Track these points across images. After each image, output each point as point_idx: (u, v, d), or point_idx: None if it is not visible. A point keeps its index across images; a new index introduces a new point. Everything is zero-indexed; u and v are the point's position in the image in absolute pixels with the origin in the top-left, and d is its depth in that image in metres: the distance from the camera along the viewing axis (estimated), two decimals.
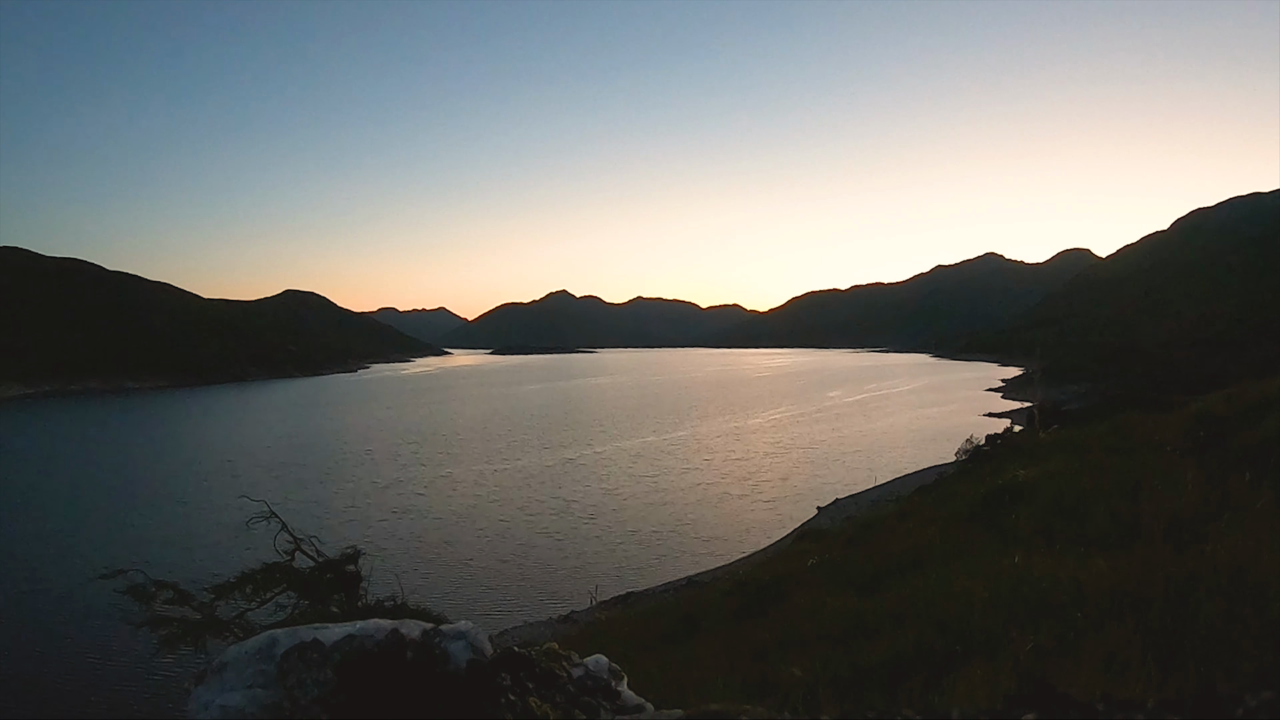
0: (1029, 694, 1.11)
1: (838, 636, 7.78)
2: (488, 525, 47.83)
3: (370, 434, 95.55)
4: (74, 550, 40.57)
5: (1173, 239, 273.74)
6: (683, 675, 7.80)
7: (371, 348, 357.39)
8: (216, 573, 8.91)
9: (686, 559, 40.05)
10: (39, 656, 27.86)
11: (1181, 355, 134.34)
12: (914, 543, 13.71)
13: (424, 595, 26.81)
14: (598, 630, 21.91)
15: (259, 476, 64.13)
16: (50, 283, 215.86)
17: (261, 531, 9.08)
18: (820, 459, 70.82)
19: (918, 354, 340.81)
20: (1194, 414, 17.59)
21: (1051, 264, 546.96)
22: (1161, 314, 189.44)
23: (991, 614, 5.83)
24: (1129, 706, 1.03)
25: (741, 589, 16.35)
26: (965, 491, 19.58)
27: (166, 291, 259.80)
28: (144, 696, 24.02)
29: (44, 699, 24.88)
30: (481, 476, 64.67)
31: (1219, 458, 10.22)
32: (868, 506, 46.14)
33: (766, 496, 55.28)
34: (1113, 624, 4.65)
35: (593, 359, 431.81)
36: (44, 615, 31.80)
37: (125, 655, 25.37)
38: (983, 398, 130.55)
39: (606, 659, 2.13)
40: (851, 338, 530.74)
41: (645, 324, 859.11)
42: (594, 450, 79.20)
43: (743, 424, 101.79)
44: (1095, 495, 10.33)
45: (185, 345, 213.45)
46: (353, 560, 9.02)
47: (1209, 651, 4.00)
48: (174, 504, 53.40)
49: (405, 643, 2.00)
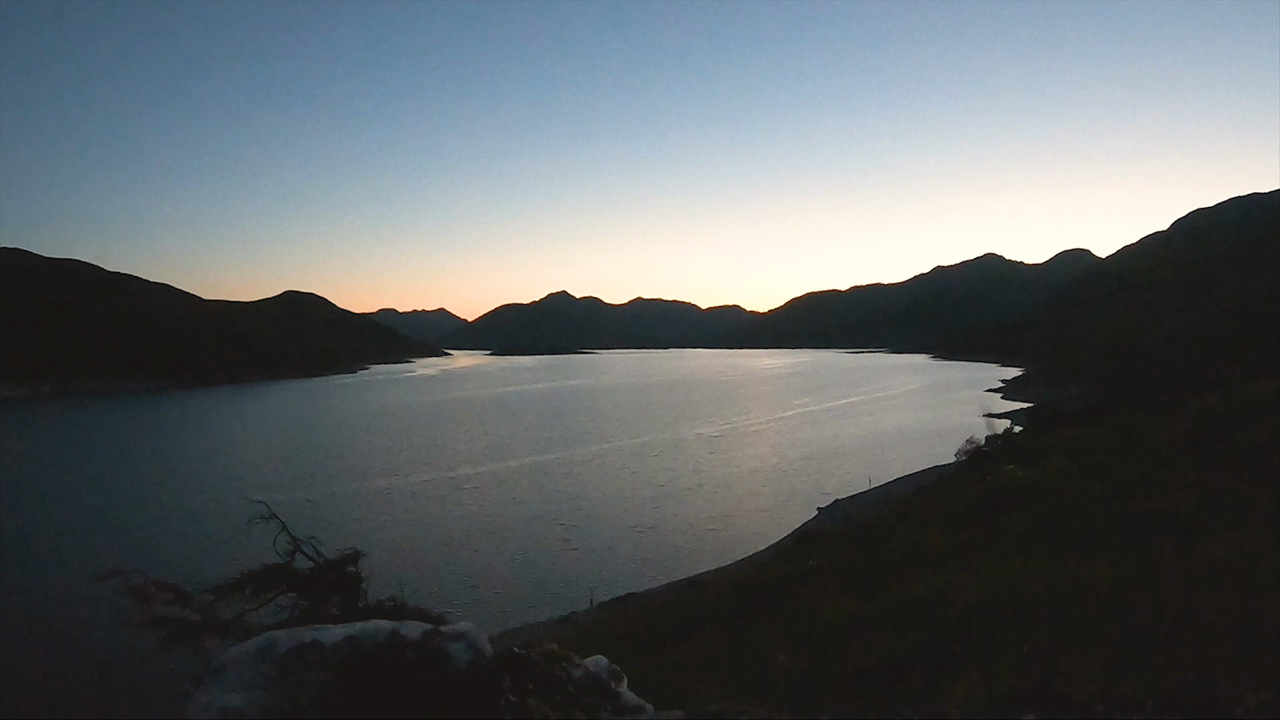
0: (1029, 694, 1.11)
1: (838, 637, 7.78)
2: (488, 525, 47.83)
3: (370, 435, 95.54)
4: (73, 550, 40.56)
5: (1173, 239, 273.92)
6: (683, 676, 7.79)
7: (372, 349, 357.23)
8: (216, 573, 8.89)
9: (686, 559, 40.03)
10: (38, 657, 27.84)
11: (1181, 355, 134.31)
12: (914, 543, 13.70)
13: (424, 596, 26.80)
14: (598, 630, 21.93)
15: (258, 477, 64.12)
16: (50, 283, 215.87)
17: (261, 532, 9.07)
18: (820, 460, 70.81)
19: (917, 354, 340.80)
20: (1194, 414, 17.57)
21: (1051, 264, 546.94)
22: (1161, 314, 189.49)
23: (991, 614, 5.83)
24: (1129, 706, 1.03)
25: (741, 590, 16.35)
26: (965, 492, 19.56)
27: (166, 292, 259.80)
28: (143, 697, 24.01)
29: (44, 699, 24.87)
30: (481, 477, 64.67)
31: (1219, 458, 10.21)
32: (868, 507, 46.15)
33: (766, 497, 55.28)
34: (1113, 624, 4.64)
35: (593, 360, 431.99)
36: (43, 615, 31.78)
37: (124, 656, 25.35)
38: (982, 398, 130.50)
39: (606, 660, 2.13)
40: (851, 338, 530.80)
41: (645, 324, 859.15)
42: (594, 450, 79.21)
43: (742, 424, 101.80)
44: (1095, 495, 10.32)
45: (185, 346, 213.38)
46: (353, 561, 9.00)
47: (1209, 651, 4.00)
48: (173, 505, 53.37)
49: (405, 644, 2.00)
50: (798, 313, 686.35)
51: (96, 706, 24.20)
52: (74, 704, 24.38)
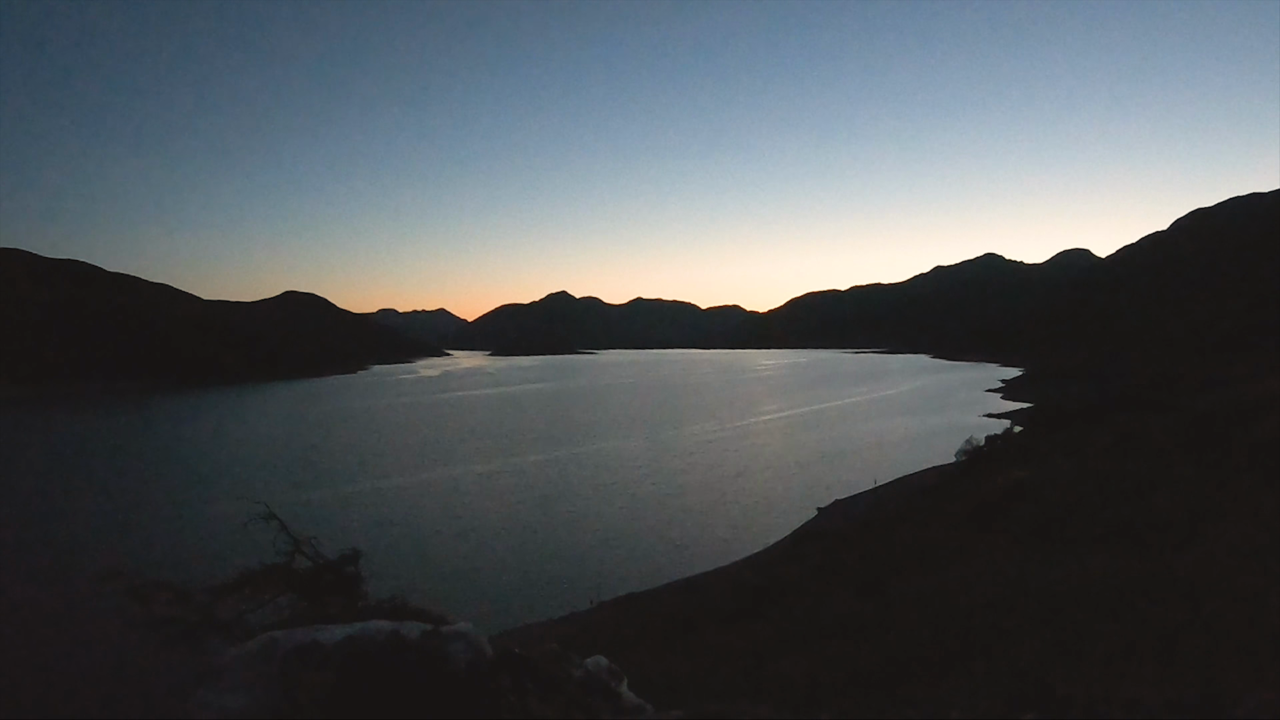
0: (1029, 694, 1.11)
1: (838, 637, 7.77)
2: (488, 525, 47.83)
3: (369, 435, 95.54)
4: (72, 550, 40.55)
5: (1173, 239, 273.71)
6: (683, 675, 7.78)
7: (371, 349, 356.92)
8: (216, 573, 8.89)
9: (686, 559, 40.01)
10: (38, 657, 27.84)
11: (1181, 355, 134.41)
12: (914, 543, 13.69)
13: (424, 596, 26.73)
14: (598, 630, 21.92)
15: (258, 477, 64.13)
16: (50, 283, 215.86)
17: (261, 532, 9.07)
18: (820, 460, 70.80)
19: (917, 354, 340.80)
20: (1194, 414, 17.57)
21: (1051, 264, 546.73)
22: (1161, 314, 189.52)
23: (991, 614, 5.82)
24: (1129, 706, 1.03)
25: (741, 590, 16.34)
26: (965, 492, 19.54)
27: (166, 293, 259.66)
28: (143, 697, 24.01)
29: (43, 700, 24.87)
30: (481, 477, 64.67)
31: (1219, 458, 10.19)
32: (867, 507, 46.17)
33: (766, 497, 55.26)
34: (1113, 624, 4.64)
35: (593, 360, 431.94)
36: (43, 615, 31.77)
37: (124, 656, 25.35)
38: (983, 398, 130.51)
39: (606, 660, 2.13)
40: (851, 338, 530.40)
41: (645, 324, 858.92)
42: (594, 450, 79.21)
43: (742, 424, 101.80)
44: (1095, 495, 10.31)
45: (185, 347, 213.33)
46: (353, 561, 9.00)
47: (1209, 651, 4.00)
48: (173, 504, 53.37)
49: (405, 644, 2.00)
50: (798, 313, 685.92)
51: (97, 706, 24.21)
52: (74, 704, 24.38)
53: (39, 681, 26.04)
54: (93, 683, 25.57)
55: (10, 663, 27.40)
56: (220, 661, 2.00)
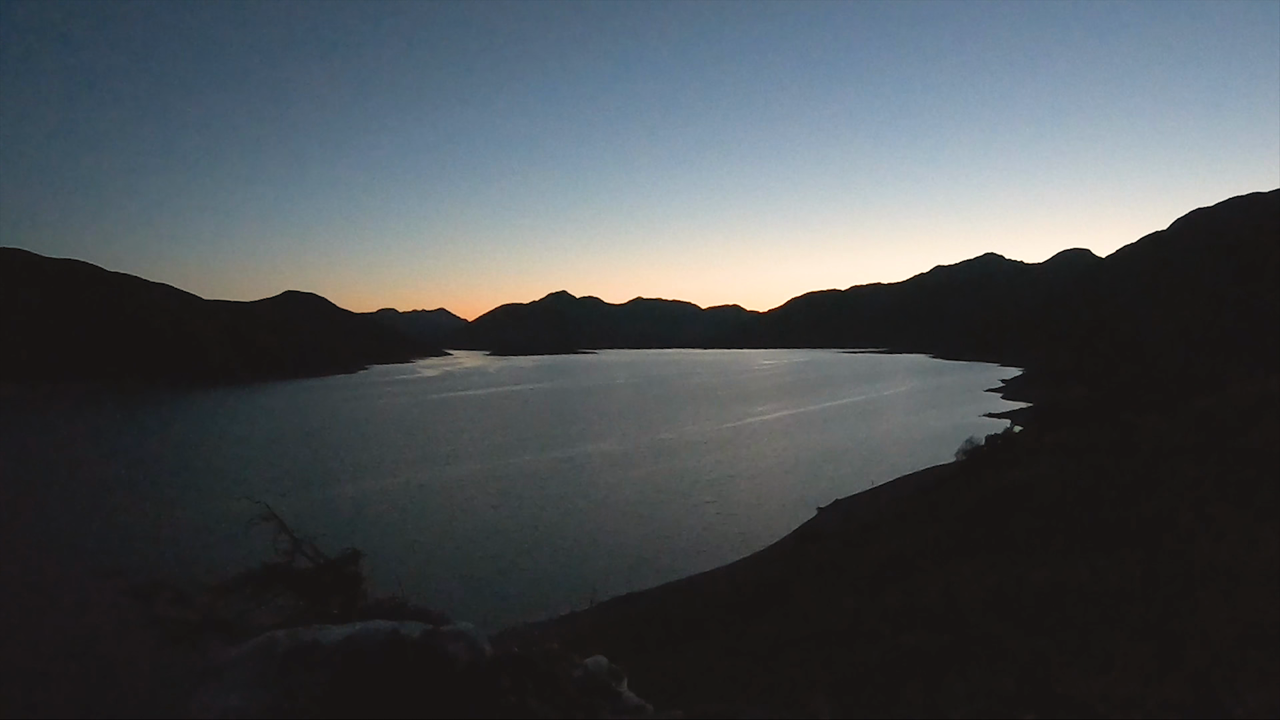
0: (1029, 694, 1.11)
1: (838, 637, 7.77)
2: (488, 525, 47.82)
3: (369, 435, 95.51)
4: (73, 549, 40.54)
5: (1173, 239, 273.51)
6: (683, 675, 7.79)
7: (371, 349, 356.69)
8: (216, 573, 8.90)
9: (687, 559, 40.01)
10: (38, 657, 27.83)
11: (1181, 355, 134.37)
12: (914, 543, 13.69)
13: (424, 596, 26.74)
14: (598, 630, 21.91)
15: (257, 477, 64.11)
16: (50, 283, 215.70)
17: (261, 532, 9.09)
18: (820, 460, 70.79)
19: (917, 354, 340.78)
20: (1194, 414, 17.57)
21: (1051, 264, 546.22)
22: (1161, 314, 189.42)
23: (991, 614, 5.82)
24: (1129, 706, 1.03)
25: (741, 590, 16.34)
26: (965, 492, 19.54)
27: (166, 292, 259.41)
28: (143, 697, 24.00)
29: (44, 699, 24.86)
30: (481, 477, 64.66)
31: (1219, 458, 10.20)
32: (868, 507, 46.17)
33: (766, 497, 55.26)
34: (1112, 624, 4.64)
35: (593, 360, 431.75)
36: (43, 615, 31.77)
37: (124, 656, 25.35)
38: (983, 398, 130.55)
39: (606, 660, 2.13)
40: (851, 338, 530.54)
41: (645, 324, 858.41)
42: (594, 450, 79.19)
43: (742, 424, 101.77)
44: (1095, 495, 10.31)
45: (185, 346, 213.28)
46: (353, 561, 9.00)
47: (1209, 651, 4.00)
48: (173, 504, 53.36)
49: (405, 644, 2.00)
50: (798, 312, 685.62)
51: (97, 706, 24.20)
52: (74, 704, 24.37)
53: (39, 681, 26.03)
54: (93, 682, 25.57)
55: (10, 662, 27.39)
56: (220, 661, 2.00)
